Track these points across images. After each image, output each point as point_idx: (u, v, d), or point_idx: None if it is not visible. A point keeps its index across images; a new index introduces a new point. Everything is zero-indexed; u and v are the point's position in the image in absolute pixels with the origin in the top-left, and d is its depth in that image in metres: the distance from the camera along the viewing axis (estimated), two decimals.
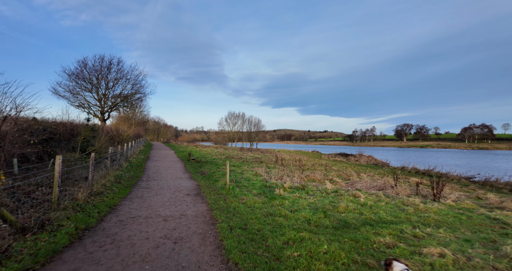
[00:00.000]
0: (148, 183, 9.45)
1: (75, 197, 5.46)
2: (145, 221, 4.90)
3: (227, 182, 8.15)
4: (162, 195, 7.45)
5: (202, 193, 7.96)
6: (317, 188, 10.50)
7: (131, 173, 11.52)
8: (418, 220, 5.92)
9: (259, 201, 6.91)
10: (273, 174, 13.22)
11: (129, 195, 7.15)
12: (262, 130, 69.09)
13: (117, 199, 6.51)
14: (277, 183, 10.31)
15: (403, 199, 8.77)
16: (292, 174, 13.02)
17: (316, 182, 12.89)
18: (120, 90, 30.51)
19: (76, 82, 27.28)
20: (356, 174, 17.04)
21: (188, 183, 9.78)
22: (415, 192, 10.48)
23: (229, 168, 15.28)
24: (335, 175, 16.33)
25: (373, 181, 13.44)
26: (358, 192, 9.64)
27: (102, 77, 29.02)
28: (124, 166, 12.85)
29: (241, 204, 6.54)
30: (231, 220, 5.12)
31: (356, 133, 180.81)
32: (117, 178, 9.59)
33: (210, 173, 12.67)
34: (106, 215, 5.11)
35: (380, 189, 11.43)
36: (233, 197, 7.27)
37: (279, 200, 7.03)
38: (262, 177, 11.95)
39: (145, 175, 11.37)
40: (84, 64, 27.36)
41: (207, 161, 18.49)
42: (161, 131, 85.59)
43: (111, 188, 7.62)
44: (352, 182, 13.18)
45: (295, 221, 5.25)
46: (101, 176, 8.07)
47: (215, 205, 6.37)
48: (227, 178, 8.18)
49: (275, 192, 8.16)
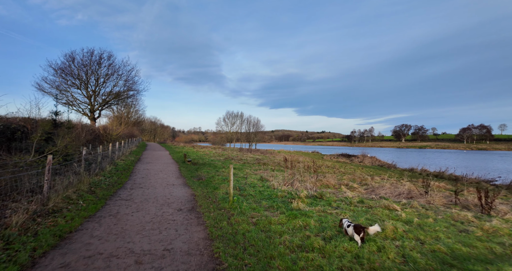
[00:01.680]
0: (132, 192, 7.59)
1: (6, 223, 3.60)
2: (105, 266, 3.07)
3: (230, 192, 6.34)
4: (145, 210, 5.61)
5: (198, 206, 6.14)
6: (336, 196, 8.75)
7: (113, 178, 9.64)
8: (503, 252, 4.16)
9: (275, 220, 5.11)
10: (280, 178, 11.45)
11: (100, 212, 5.30)
12: (261, 130, 67.26)
13: (79, 219, 4.65)
14: (289, 190, 8.53)
15: (446, 212, 7.03)
16: (301, 178, 11.25)
17: (331, 187, 11.12)
18: (112, 87, 28.52)
19: (63, 77, 25.24)
20: (369, 177, 15.33)
21: (181, 191, 7.94)
22: (453, 201, 8.73)
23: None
24: (347, 178, 14.60)
25: (395, 187, 11.74)
26: (387, 201, 7.90)
27: (92, 72, 27.02)
28: (107, 169, 10.97)
29: (251, 226, 4.74)
30: (242, 260, 3.31)
31: (354, 134, 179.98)
32: (93, 185, 7.72)
33: (208, 177, 10.83)
34: (45, 254, 3.24)
35: (409, 197, 9.68)
36: (240, 214, 5.47)
37: (302, 218, 5.23)
38: (270, 182, 10.15)
39: (130, 181, 9.50)
40: (72, 59, 25.34)
41: (205, 163, 16.64)
42: (157, 131, 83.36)
43: (78, 201, 5.76)
44: (372, 188, 11.42)
45: (339, 260, 3.45)
46: (68, 184, 6.20)
47: (216, 228, 4.55)
48: (231, 187, 6.37)
49: (292, 204, 6.36)
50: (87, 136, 12.53)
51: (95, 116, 28.15)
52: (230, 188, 6.37)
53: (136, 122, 56.46)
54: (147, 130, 78.29)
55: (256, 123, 63.54)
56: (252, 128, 63.07)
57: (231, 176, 6.42)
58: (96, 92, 27.73)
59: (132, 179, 9.94)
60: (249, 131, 63.13)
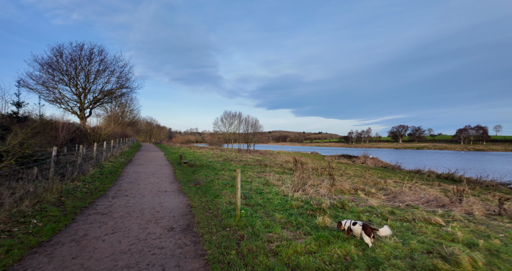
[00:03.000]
0: (113, 202, 6.11)
1: None
2: None
3: (237, 205, 4.91)
4: (123, 231, 4.16)
5: (196, 224, 4.70)
6: (358, 204, 7.37)
7: (95, 183, 8.13)
8: None
9: (302, 248, 3.69)
10: (289, 182, 10.06)
11: (59, 235, 3.84)
12: (259, 131, 65.75)
13: (20, 250, 3.18)
14: (304, 198, 7.14)
15: (501, 226, 5.71)
16: (312, 182, 9.87)
17: (347, 193, 9.75)
18: (103, 84, 26.83)
19: (50, 73, 23.51)
20: (382, 180, 14.01)
21: (174, 200, 6.48)
22: (496, 211, 7.41)
23: (231, 174, 11.52)
24: (359, 182, 13.28)
25: (415, 192, 10.46)
26: (418, 210, 6.57)
27: (82, 68, 25.33)
28: (89, 173, 9.46)
29: (271, 258, 3.33)
30: None
31: (352, 135, 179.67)
32: (64, 194, 6.22)
33: (207, 182, 9.38)
34: None
35: (440, 205, 8.32)
36: (253, 237, 4.04)
37: (338, 244, 3.82)
38: (278, 188, 8.74)
39: (114, 187, 8.01)
40: (60, 53, 23.62)
41: (202, 165, 15.17)
42: (153, 132, 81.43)
43: (32, 218, 4.28)
44: (393, 194, 10.07)
45: None
46: (23, 195, 4.72)
47: (223, 264, 3.14)
48: (238, 197, 4.92)
49: (317, 220, 4.95)
50: (68, 135, 10.98)
51: (85, 115, 26.45)
52: (237, 199, 4.94)
53: (131, 122, 54.58)
54: (143, 131, 76.34)
55: (255, 123, 62.12)
56: (251, 129, 61.59)
57: (238, 183, 4.96)
58: (87, 89, 26.05)
59: (117, 184, 8.45)
60: (247, 131, 61.63)
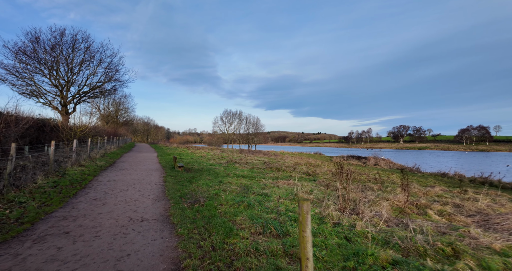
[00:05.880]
0: (29, 252, 3.09)
1: None
2: None
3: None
4: None
5: None
6: (473, 247, 4.42)
7: (30, 204, 5.07)
8: None
9: None
10: (322, 195, 7.09)
11: None
12: (261, 131, 62.60)
13: None
14: (373, 232, 4.16)
15: None
16: (350, 194, 6.92)
17: (411, 213, 6.79)
18: (88, 76, 23.66)
19: (23, 62, 20.31)
20: (422, 188, 10.99)
21: (150, 250, 3.46)
22: None
23: (241, 182, 7.91)
24: (400, 192, 10.32)
25: (492, 208, 7.61)
26: None
27: (65, 58, 22.18)
28: (37, 184, 6.40)
29: None
30: None
31: (352, 135, 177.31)
32: None
33: (210, 197, 6.32)
34: None
35: None
36: None
37: None
38: (324, 211, 5.69)
39: (62, 210, 4.97)
40: (36, 39, 20.43)
41: (202, 169, 12.11)
42: (151, 132, 78.06)
43: None
44: (482, 216, 7.05)
45: None
46: None
47: None
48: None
49: None
50: (19, 130, 7.93)
51: (68, 111, 23.26)
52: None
53: (126, 122, 51.26)
54: (139, 131, 72.97)
55: (256, 122, 59.05)
56: (252, 128, 58.49)
57: (308, 251, 1.92)
58: (70, 81, 22.87)
59: (68, 206, 5.39)
60: (248, 131, 58.52)
